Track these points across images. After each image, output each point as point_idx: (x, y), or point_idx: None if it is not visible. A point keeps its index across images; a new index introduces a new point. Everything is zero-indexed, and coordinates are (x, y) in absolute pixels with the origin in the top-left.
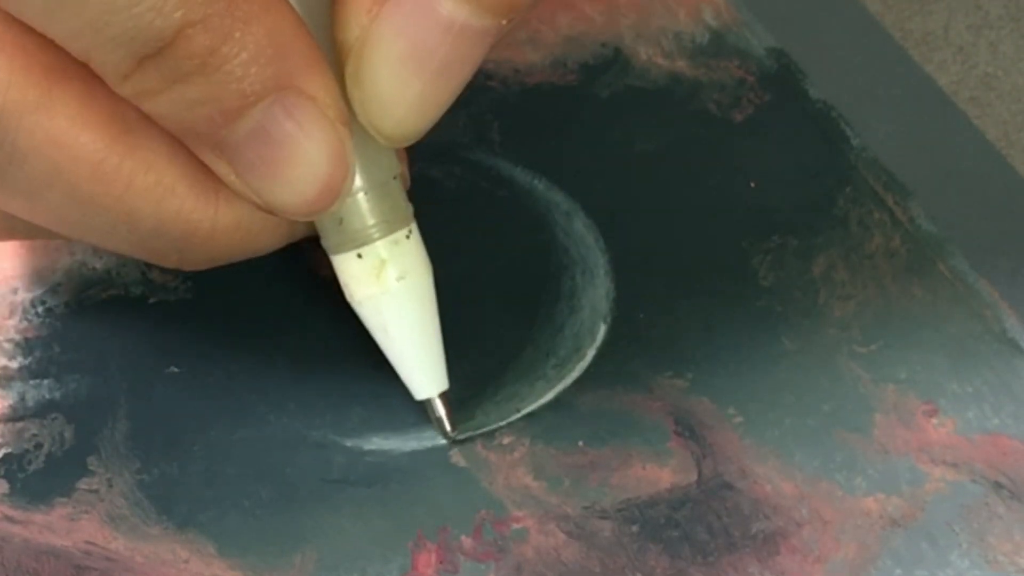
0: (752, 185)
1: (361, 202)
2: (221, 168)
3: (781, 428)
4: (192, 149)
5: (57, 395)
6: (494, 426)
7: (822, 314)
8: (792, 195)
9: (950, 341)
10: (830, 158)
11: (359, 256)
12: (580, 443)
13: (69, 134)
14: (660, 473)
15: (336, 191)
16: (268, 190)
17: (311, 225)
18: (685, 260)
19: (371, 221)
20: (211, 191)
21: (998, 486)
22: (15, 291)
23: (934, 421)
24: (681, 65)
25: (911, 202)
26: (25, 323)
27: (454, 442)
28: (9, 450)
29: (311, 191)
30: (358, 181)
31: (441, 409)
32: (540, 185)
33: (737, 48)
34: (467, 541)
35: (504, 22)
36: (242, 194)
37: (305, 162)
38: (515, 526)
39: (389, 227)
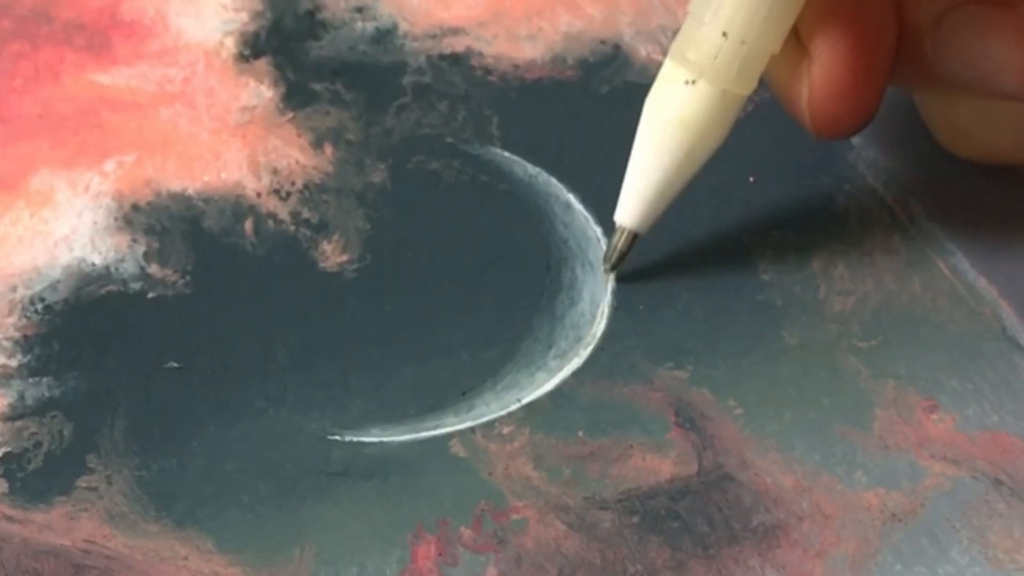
0: (751, 180)
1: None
2: None
3: (781, 421)
4: None
5: (56, 393)
6: (494, 416)
7: (822, 309)
8: (792, 191)
9: (950, 338)
10: (829, 156)
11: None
12: (580, 433)
13: None
14: (661, 464)
15: None
16: None
17: None
18: (685, 253)
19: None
20: None
21: (998, 483)
22: (14, 289)
23: (934, 417)
24: None
25: (910, 200)
26: (24, 321)
27: (606, 272)
28: (9, 449)
29: None
30: None
31: (621, 241)
32: (540, 178)
33: None
34: (467, 533)
35: None
36: None
37: None
38: (515, 517)
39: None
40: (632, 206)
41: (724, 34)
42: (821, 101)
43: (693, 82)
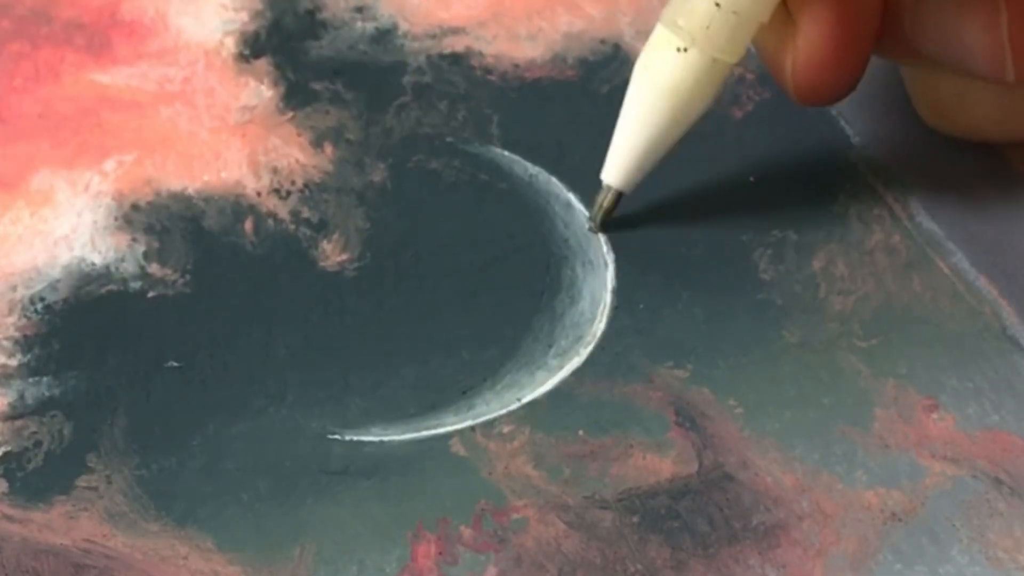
0: (752, 180)
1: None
2: None
3: (782, 420)
4: None
5: (56, 392)
6: (494, 415)
7: (822, 308)
8: (792, 190)
9: (950, 337)
10: (829, 155)
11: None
12: (580, 432)
13: None
14: (661, 463)
15: None
16: None
17: None
18: (685, 252)
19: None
20: None
21: (998, 482)
22: (14, 288)
23: (934, 416)
24: None
25: (911, 199)
26: (24, 320)
27: (591, 231)
28: (9, 448)
29: None
30: None
31: (607, 200)
32: (540, 177)
33: None
34: (467, 532)
35: None
36: None
37: None
38: (515, 516)
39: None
40: (619, 166)
41: (716, 4)
42: (804, 70)
43: (684, 50)
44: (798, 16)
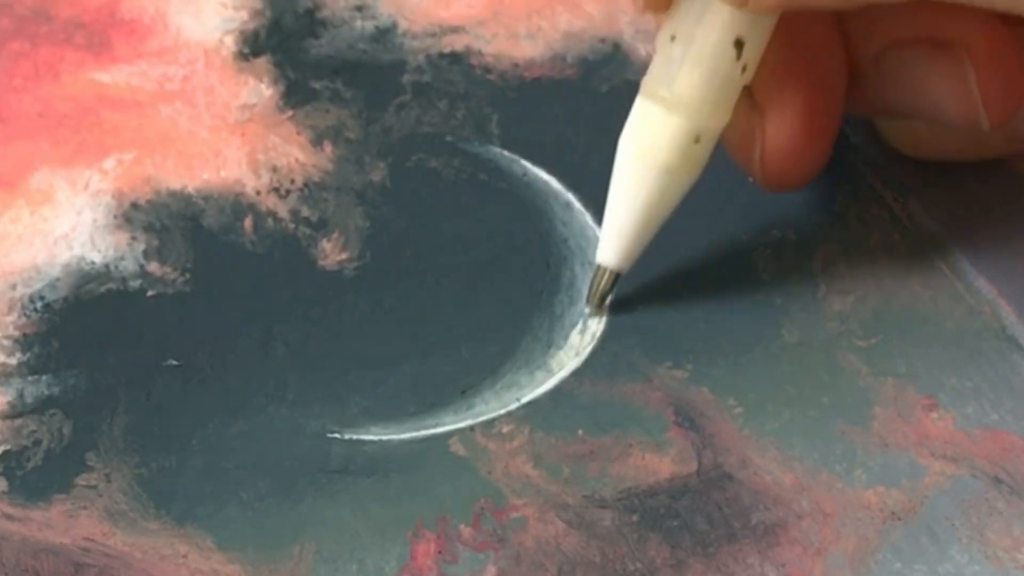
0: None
1: None
2: None
3: (781, 420)
4: None
5: (56, 391)
6: (494, 414)
7: (821, 307)
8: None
9: (949, 337)
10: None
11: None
12: (580, 432)
13: None
14: (660, 463)
15: None
16: None
17: None
18: (685, 252)
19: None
20: None
21: (998, 481)
22: (13, 287)
23: (934, 415)
24: None
25: (910, 199)
26: (24, 319)
27: (590, 315)
28: (8, 447)
29: None
30: None
31: (604, 282)
32: (539, 177)
33: None
34: (466, 531)
35: None
36: None
37: None
38: (514, 515)
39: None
40: (614, 247)
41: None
42: (773, 159)
43: (668, 121)
44: (765, 104)
